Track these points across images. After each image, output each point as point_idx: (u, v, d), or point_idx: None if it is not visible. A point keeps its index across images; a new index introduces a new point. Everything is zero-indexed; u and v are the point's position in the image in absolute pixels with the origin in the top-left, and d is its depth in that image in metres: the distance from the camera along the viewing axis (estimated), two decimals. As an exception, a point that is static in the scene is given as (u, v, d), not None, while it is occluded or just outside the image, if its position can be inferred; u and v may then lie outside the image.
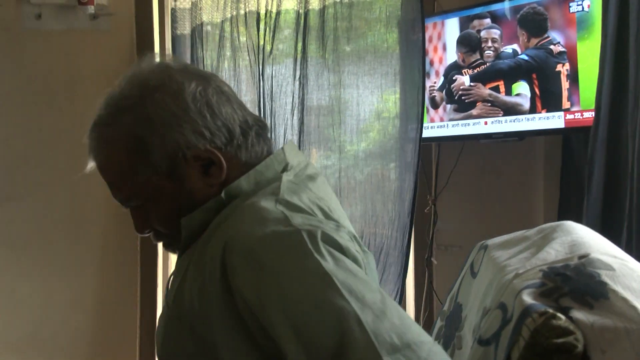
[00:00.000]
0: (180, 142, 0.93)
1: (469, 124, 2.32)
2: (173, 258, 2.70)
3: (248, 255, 0.82)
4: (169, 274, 2.59)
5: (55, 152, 2.50)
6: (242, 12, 2.41)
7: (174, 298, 0.94)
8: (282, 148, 1.03)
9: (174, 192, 0.96)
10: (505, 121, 2.22)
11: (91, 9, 2.42)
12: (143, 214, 0.99)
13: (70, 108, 2.49)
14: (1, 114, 2.48)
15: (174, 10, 2.46)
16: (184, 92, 0.94)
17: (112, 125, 0.96)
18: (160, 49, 2.51)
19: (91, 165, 1.00)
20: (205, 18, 2.45)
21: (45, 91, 2.49)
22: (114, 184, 0.99)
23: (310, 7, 2.38)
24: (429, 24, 2.40)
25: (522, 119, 2.18)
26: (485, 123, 2.27)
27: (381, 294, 0.81)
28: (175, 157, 0.94)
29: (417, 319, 2.54)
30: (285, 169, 1.00)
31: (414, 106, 2.33)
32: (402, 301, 2.45)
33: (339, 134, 2.41)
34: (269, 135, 1.05)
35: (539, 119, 2.14)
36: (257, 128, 1.01)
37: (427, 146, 2.52)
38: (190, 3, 2.45)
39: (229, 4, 2.42)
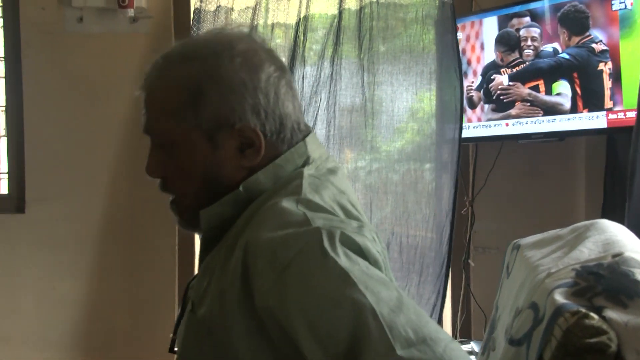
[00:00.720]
0: (236, 111, 0.92)
1: (507, 124, 2.27)
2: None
3: (270, 257, 0.81)
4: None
5: (93, 154, 2.55)
6: (275, 12, 2.41)
7: (196, 300, 0.93)
8: (305, 140, 1.00)
9: (205, 154, 0.94)
10: (545, 121, 2.16)
11: (131, 12, 2.47)
12: (163, 157, 0.97)
13: (108, 110, 2.54)
14: (42, 115, 2.55)
15: (199, 11, 2.46)
16: (262, 69, 0.94)
17: (181, 65, 0.94)
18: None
19: (138, 93, 0.98)
20: (235, 15, 2.46)
21: (85, 93, 2.54)
22: (154, 116, 0.97)
23: (345, 7, 2.37)
24: (467, 23, 2.36)
25: (563, 119, 2.12)
26: (525, 123, 2.22)
27: (398, 292, 0.79)
28: (224, 123, 0.93)
29: (453, 322, 2.50)
30: (306, 162, 0.98)
31: (451, 106, 2.30)
32: (442, 303, 2.41)
33: (372, 134, 2.39)
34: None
35: (580, 118, 2.08)
36: (305, 135, 1.00)
37: (464, 146, 2.48)
38: (215, 5, 2.46)
39: (263, 4, 2.42)
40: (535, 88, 2.19)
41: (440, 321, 2.39)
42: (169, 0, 2.55)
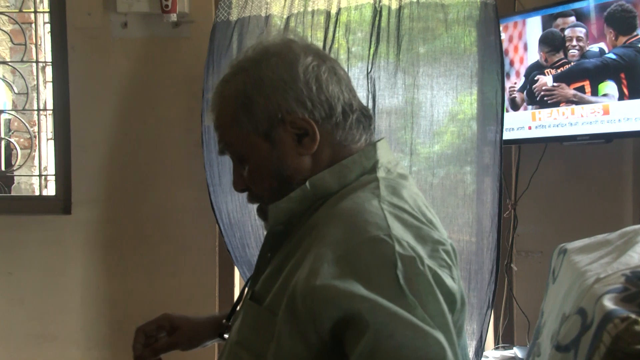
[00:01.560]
0: (282, 106, 0.99)
1: (551, 126, 2.23)
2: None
3: (339, 260, 0.83)
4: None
5: (137, 156, 2.59)
6: (309, 9, 2.41)
7: (262, 291, 0.97)
8: (375, 144, 1.04)
9: (267, 153, 1.00)
10: (591, 122, 2.12)
11: (173, 16, 2.51)
12: (242, 172, 1.05)
13: (152, 113, 2.58)
14: (87, 118, 2.61)
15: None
16: (297, 62, 1.01)
17: (230, 82, 1.04)
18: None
19: (209, 119, 1.08)
20: (275, 14, 2.46)
21: (130, 97, 2.59)
22: (221, 132, 1.06)
23: (382, 3, 2.35)
24: (509, 23, 2.33)
25: (609, 120, 2.07)
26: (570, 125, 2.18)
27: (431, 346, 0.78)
28: (274, 120, 0.99)
29: (495, 327, 2.46)
30: (374, 166, 1.01)
31: (492, 108, 2.26)
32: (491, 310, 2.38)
33: (411, 137, 2.37)
34: (371, 126, 1.08)
35: (628, 120, 2.03)
36: (360, 114, 1.04)
37: (506, 149, 2.44)
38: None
39: (299, 6, 2.42)
40: (581, 89, 2.15)
41: (487, 329, 2.35)
42: (211, 4, 2.58)
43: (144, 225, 2.61)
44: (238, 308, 1.14)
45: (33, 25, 3.02)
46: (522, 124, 2.32)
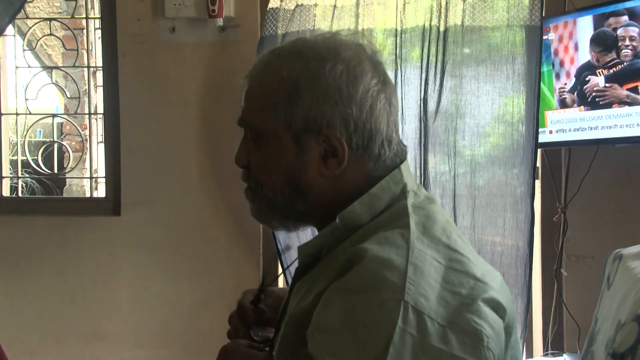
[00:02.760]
0: (326, 116, 0.92)
1: (603, 127, 2.18)
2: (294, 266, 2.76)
3: (346, 313, 0.81)
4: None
5: (185, 159, 2.63)
6: (359, 27, 2.41)
7: (287, 320, 0.95)
8: (400, 167, 0.97)
9: (289, 155, 0.94)
10: (645, 124, 2.06)
11: (220, 21, 2.54)
12: (251, 149, 0.99)
13: (199, 117, 2.62)
14: (137, 122, 2.66)
15: (276, 10, 2.46)
16: (362, 80, 0.93)
17: (285, 61, 0.96)
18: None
19: (242, 82, 1.01)
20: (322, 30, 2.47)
21: (177, 101, 2.63)
22: (250, 107, 0.99)
23: (433, 21, 2.34)
24: (559, 23, 2.28)
25: (665, 122, 2.01)
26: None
27: None
28: (312, 126, 0.93)
29: (544, 333, 2.41)
30: (403, 190, 0.96)
31: (535, 109, 2.24)
32: (529, 314, 2.33)
33: (456, 139, 2.35)
34: (405, 162, 1.00)
35: (684, 120, 1.96)
36: (395, 152, 0.98)
37: (556, 151, 2.40)
38: (294, 4, 2.47)
39: (349, 22, 2.42)
40: (634, 89, 2.09)
41: (530, 332, 2.31)
42: (256, 9, 2.60)
43: (190, 227, 2.65)
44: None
45: (85, 31, 3.11)
46: (572, 125, 2.27)
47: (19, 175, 3.15)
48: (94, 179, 3.08)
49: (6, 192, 2.90)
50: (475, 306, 0.82)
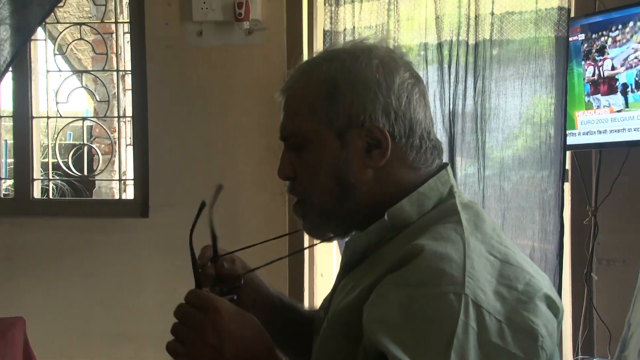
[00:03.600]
0: (368, 109, 0.94)
1: (636, 129, 2.14)
2: (319, 261, 2.76)
3: (404, 307, 0.81)
4: (315, 276, 2.63)
5: (211, 162, 2.65)
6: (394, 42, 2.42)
7: (330, 315, 0.95)
8: (446, 169, 1.00)
9: (334, 152, 0.96)
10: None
11: (246, 24, 2.55)
12: (294, 158, 1.00)
13: (225, 120, 2.63)
14: (165, 125, 2.68)
15: (330, 33, 2.52)
16: (397, 73, 0.96)
17: (321, 66, 0.98)
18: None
19: (279, 98, 1.02)
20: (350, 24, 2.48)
21: (203, 104, 2.65)
22: (290, 115, 1.00)
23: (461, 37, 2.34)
24: (589, 23, 2.24)
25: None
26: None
27: None
28: (355, 120, 0.95)
29: (574, 337, 2.37)
30: (451, 191, 0.97)
31: (569, 112, 2.21)
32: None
33: (484, 140, 2.33)
34: (442, 155, 1.03)
35: None
36: (434, 144, 1.00)
37: (586, 153, 2.36)
38: (342, 27, 2.50)
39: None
40: (667, 90, 2.04)
41: (559, 336, 2.28)
42: (282, 12, 2.61)
43: (218, 228, 2.66)
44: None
45: (114, 35, 3.15)
46: (603, 127, 2.23)
47: (50, 177, 3.20)
48: (122, 181, 3.11)
49: (37, 194, 2.95)
50: (531, 304, 0.82)
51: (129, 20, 2.84)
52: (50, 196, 3.27)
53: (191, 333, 0.91)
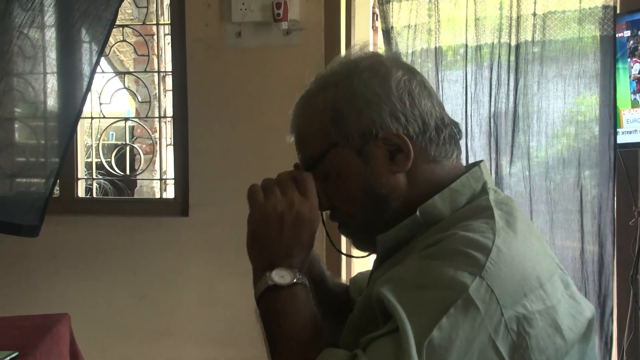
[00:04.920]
0: (376, 121, 0.95)
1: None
2: (357, 260, 2.75)
3: (420, 267, 0.84)
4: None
5: (250, 161, 2.67)
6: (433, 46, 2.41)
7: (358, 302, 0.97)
8: (479, 165, 1.00)
9: (359, 170, 0.97)
10: None
11: (285, 24, 2.57)
12: (326, 189, 1.01)
13: (263, 119, 2.65)
14: (204, 125, 2.72)
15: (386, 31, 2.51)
16: (390, 76, 0.97)
17: (317, 97, 1.01)
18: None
19: (290, 139, 1.05)
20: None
21: (242, 104, 2.68)
22: (305, 150, 1.02)
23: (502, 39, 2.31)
24: (635, 19, 2.19)
25: None
26: None
27: None
28: (368, 135, 0.96)
29: (619, 341, 2.32)
30: (484, 187, 0.98)
31: (613, 110, 2.16)
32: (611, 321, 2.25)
33: (526, 140, 2.29)
34: (460, 141, 1.03)
35: None
36: (451, 130, 1.00)
37: (632, 152, 2.30)
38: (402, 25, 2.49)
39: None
40: None
41: (610, 340, 2.23)
42: (320, 11, 2.62)
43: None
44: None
45: (155, 37, 3.20)
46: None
47: (94, 176, 3.27)
48: (163, 181, 3.16)
49: (81, 193, 3.02)
50: (536, 320, 0.82)
51: (169, 22, 2.88)
52: (94, 195, 3.34)
53: (276, 193, 0.97)
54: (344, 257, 2.65)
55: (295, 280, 0.94)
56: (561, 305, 0.85)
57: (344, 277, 2.66)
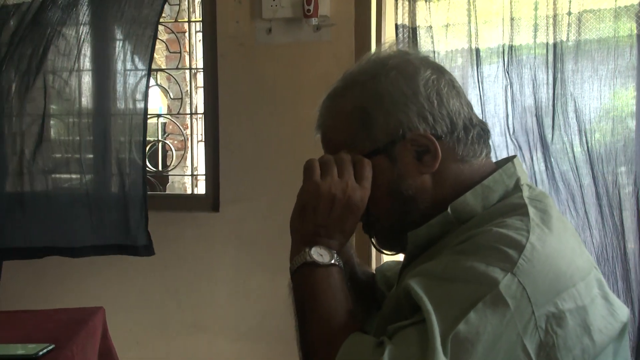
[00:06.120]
0: (403, 121, 0.95)
1: None
2: (386, 257, 2.75)
3: (450, 261, 0.84)
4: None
5: (281, 157, 2.68)
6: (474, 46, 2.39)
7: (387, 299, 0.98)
8: (513, 161, 0.99)
9: (388, 172, 0.96)
10: None
11: (315, 20, 2.57)
12: None
13: (293, 115, 2.65)
14: (235, 122, 2.74)
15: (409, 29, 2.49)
16: (417, 76, 0.97)
17: (344, 97, 1.01)
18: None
19: (316, 136, 1.06)
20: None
21: (272, 100, 2.69)
22: (332, 150, 1.02)
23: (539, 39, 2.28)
24: (673, 11, 2.14)
25: None
26: None
27: None
28: (395, 136, 0.95)
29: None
30: (517, 183, 0.96)
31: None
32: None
33: (558, 135, 2.26)
34: (489, 141, 1.02)
35: None
36: (480, 129, 0.99)
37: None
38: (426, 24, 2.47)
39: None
40: None
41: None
42: (351, 7, 2.61)
43: (285, 222, 2.67)
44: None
45: (187, 34, 3.23)
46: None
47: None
48: (194, 177, 3.19)
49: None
50: (566, 319, 0.81)
51: (201, 19, 2.90)
52: (127, 191, 3.38)
53: (333, 173, 0.96)
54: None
55: (332, 261, 0.94)
56: (593, 306, 0.83)
57: (373, 266, 2.66)
